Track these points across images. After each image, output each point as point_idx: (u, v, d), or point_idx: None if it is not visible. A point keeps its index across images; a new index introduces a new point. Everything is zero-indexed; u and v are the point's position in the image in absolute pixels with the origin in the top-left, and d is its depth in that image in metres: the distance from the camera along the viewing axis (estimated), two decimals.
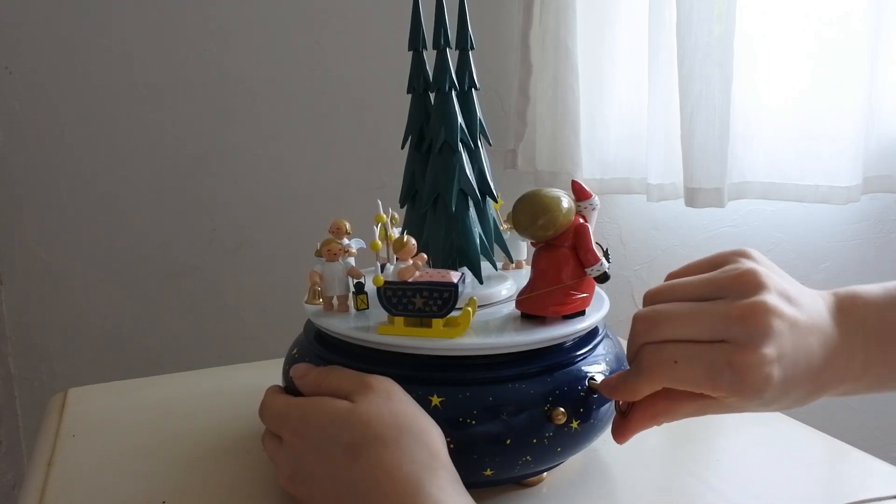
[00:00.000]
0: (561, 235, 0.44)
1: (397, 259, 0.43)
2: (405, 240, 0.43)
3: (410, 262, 0.43)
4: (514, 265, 0.58)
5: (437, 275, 0.43)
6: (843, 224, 1.19)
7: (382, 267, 0.48)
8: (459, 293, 0.42)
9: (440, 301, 0.42)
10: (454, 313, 0.43)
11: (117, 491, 0.47)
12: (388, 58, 0.97)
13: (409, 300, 0.42)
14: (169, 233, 0.96)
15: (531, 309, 0.45)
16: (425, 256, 0.44)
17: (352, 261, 0.48)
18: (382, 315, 0.44)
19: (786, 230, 1.18)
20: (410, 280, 0.42)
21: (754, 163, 1.01)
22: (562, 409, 0.42)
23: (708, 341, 0.38)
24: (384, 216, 0.44)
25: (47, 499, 0.47)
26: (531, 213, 0.43)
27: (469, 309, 0.44)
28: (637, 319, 0.40)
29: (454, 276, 0.43)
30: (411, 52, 0.51)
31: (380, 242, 0.44)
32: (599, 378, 0.45)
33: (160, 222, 0.96)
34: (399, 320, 0.43)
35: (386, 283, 0.42)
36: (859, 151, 0.98)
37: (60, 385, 0.95)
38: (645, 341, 0.40)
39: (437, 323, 0.42)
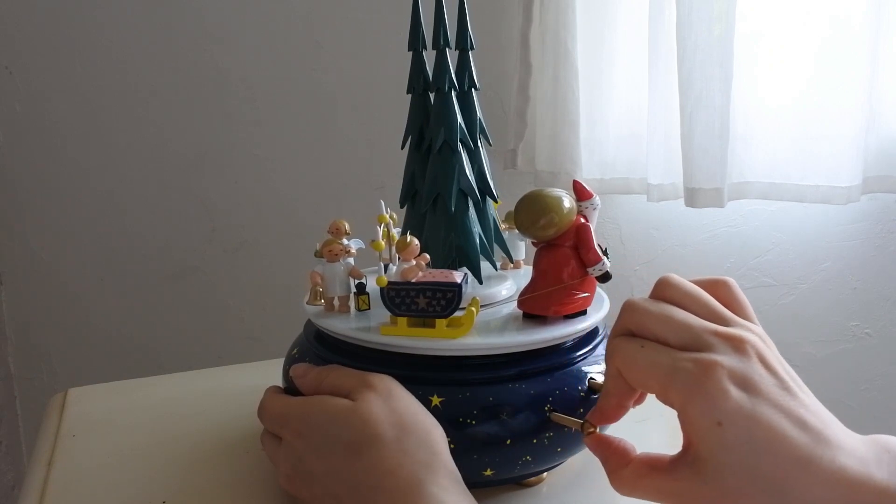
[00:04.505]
0: (562, 235, 0.44)
1: (400, 259, 0.43)
2: (408, 240, 0.43)
3: (413, 262, 0.43)
4: (512, 265, 0.58)
5: (440, 275, 0.43)
6: (843, 224, 1.19)
7: (385, 267, 0.48)
8: (463, 293, 0.42)
9: (444, 301, 0.42)
10: (457, 313, 0.43)
11: (117, 491, 0.47)
12: (388, 58, 0.97)
13: (412, 300, 0.42)
14: (169, 233, 0.96)
15: (533, 309, 0.45)
16: (428, 257, 0.44)
17: (351, 261, 0.48)
18: (383, 315, 0.44)
19: (786, 230, 1.18)
20: (414, 280, 0.42)
21: (754, 163, 1.01)
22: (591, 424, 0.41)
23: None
24: (387, 216, 0.44)
25: (47, 499, 0.47)
26: (533, 212, 0.43)
27: (472, 309, 0.44)
28: (630, 309, 0.37)
29: (457, 276, 0.43)
30: (411, 53, 0.51)
31: (382, 242, 0.44)
32: (599, 378, 0.45)
33: (160, 222, 0.96)
34: (402, 321, 0.43)
35: (389, 283, 0.42)
36: (859, 151, 0.98)
37: (60, 385, 0.95)
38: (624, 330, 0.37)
39: (441, 323, 0.42)
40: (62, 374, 0.96)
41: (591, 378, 0.44)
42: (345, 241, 0.47)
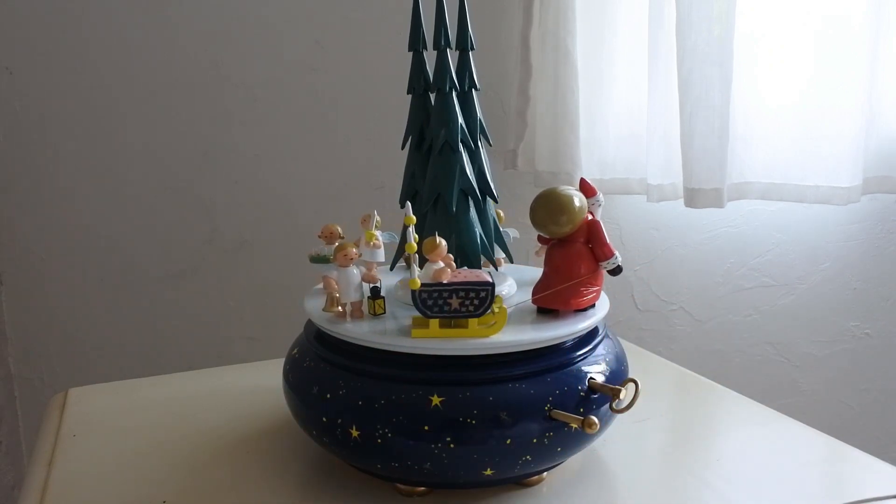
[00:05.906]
0: (575, 232, 0.45)
1: (426, 261, 0.43)
2: (437, 241, 0.43)
3: (441, 263, 0.43)
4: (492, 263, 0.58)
5: (470, 275, 0.43)
6: (843, 224, 1.19)
7: (407, 267, 0.47)
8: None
9: (476, 301, 0.42)
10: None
11: (117, 491, 0.47)
12: (388, 58, 0.97)
13: (444, 301, 0.42)
14: (169, 233, 0.96)
15: (550, 304, 0.46)
16: (452, 257, 0.44)
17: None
18: (393, 318, 0.44)
19: (786, 230, 1.18)
20: (445, 281, 0.42)
21: (754, 163, 1.01)
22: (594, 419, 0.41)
23: None
24: (413, 218, 0.44)
25: (47, 499, 0.47)
26: (551, 210, 0.44)
27: (505, 307, 0.44)
28: None
29: (487, 275, 0.43)
30: (411, 53, 0.51)
31: (414, 244, 0.44)
32: (599, 378, 0.45)
33: (160, 222, 0.96)
34: (434, 322, 0.43)
35: (422, 285, 0.42)
36: (859, 152, 0.98)
37: (60, 385, 0.95)
38: None
39: (473, 323, 0.43)
40: (62, 374, 0.96)
41: (591, 378, 0.44)
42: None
